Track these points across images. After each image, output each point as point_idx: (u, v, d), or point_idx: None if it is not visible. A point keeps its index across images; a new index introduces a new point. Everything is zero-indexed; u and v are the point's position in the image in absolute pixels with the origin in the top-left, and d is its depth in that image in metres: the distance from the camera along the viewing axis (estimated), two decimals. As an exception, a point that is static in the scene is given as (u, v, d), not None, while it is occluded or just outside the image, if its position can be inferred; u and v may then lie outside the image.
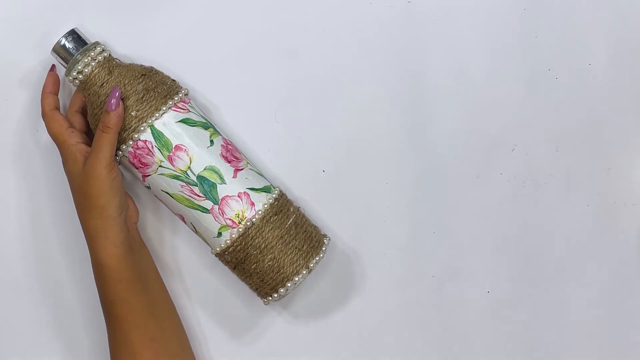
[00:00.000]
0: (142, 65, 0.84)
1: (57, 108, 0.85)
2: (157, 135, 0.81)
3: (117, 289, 0.82)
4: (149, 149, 0.81)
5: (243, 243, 0.82)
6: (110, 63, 0.83)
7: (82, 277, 0.90)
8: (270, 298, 0.84)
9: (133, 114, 0.81)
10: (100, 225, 0.81)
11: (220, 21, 0.90)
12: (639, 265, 0.91)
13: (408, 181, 0.91)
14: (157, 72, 0.84)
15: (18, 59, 0.89)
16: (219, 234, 0.82)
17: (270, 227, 0.82)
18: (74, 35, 0.84)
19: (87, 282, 0.90)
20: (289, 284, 0.82)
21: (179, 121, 0.82)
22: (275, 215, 0.83)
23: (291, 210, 0.84)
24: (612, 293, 0.91)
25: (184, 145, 0.82)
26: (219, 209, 0.82)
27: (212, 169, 0.82)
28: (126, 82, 0.82)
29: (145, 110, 0.81)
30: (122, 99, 0.81)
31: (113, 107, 0.81)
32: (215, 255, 0.84)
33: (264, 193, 0.83)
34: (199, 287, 0.90)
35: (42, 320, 0.90)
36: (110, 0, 0.89)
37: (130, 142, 0.81)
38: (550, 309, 0.91)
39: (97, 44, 0.84)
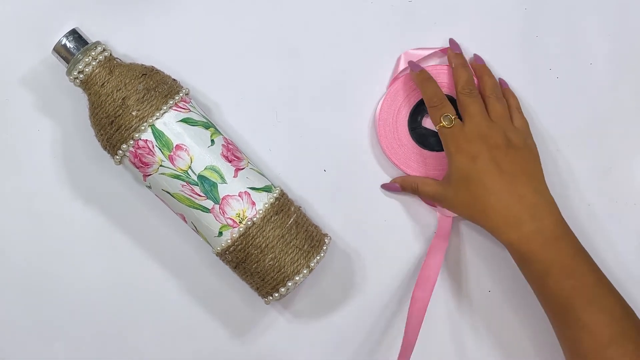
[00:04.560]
0: (142, 65, 0.85)
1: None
2: (158, 134, 0.81)
3: None
4: (150, 149, 0.81)
5: (244, 242, 0.82)
6: (111, 62, 0.83)
7: (82, 277, 0.90)
8: (271, 297, 0.84)
9: (134, 113, 0.81)
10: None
11: (221, 21, 0.90)
12: (639, 265, 0.91)
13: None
14: (157, 72, 0.84)
15: (19, 58, 0.89)
16: (220, 234, 0.82)
17: (271, 227, 0.82)
18: (74, 34, 0.84)
19: (87, 282, 0.90)
20: (289, 284, 0.82)
21: (180, 121, 0.82)
22: (276, 214, 0.83)
23: (292, 209, 0.84)
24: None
25: (185, 145, 0.82)
26: (219, 208, 0.82)
27: (213, 169, 0.82)
28: (127, 81, 0.82)
29: (146, 110, 0.81)
30: (123, 99, 0.81)
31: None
32: (216, 255, 0.84)
33: (264, 192, 0.83)
34: (200, 286, 0.90)
35: (43, 320, 0.90)
36: (111, 0, 0.89)
37: (131, 142, 0.81)
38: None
39: (97, 43, 0.84)
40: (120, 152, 0.82)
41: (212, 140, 0.83)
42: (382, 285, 0.91)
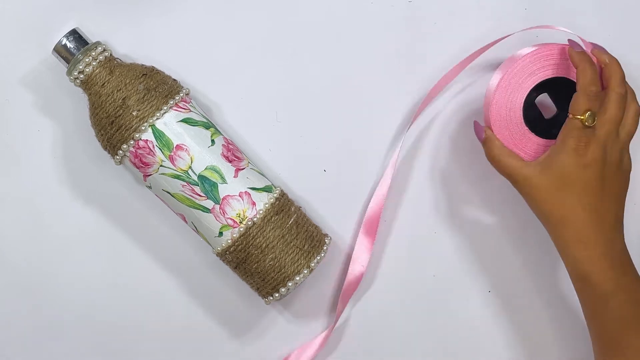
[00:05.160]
0: (143, 65, 0.85)
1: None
2: (158, 134, 0.81)
3: None
4: (150, 149, 0.81)
5: (244, 242, 0.82)
6: (111, 63, 0.83)
7: (82, 277, 0.90)
8: (271, 298, 0.84)
9: (134, 113, 0.81)
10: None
11: (221, 21, 0.90)
12: (639, 265, 0.91)
13: (409, 181, 0.91)
14: (158, 72, 0.84)
15: (19, 58, 0.89)
16: (220, 234, 0.82)
17: (271, 227, 0.82)
18: (75, 35, 0.84)
19: (87, 282, 0.90)
20: (290, 284, 0.82)
21: (180, 121, 0.82)
22: (277, 214, 0.83)
23: (292, 209, 0.84)
24: (612, 293, 0.91)
25: (185, 145, 0.82)
26: (220, 208, 0.82)
27: (213, 169, 0.82)
28: (127, 81, 0.82)
29: (146, 110, 0.81)
30: (123, 99, 0.81)
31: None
32: (217, 255, 0.84)
33: (265, 192, 0.83)
34: (200, 286, 0.90)
35: (43, 320, 0.90)
36: (111, 0, 0.89)
37: (132, 142, 0.81)
38: (551, 309, 0.91)
39: (98, 43, 0.84)
40: (121, 152, 0.82)
41: (213, 141, 0.83)
42: (381, 286, 0.91)
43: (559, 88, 0.84)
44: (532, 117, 0.84)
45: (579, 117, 0.79)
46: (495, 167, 0.83)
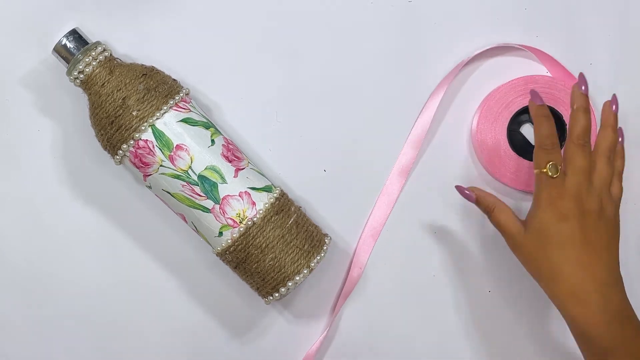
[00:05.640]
0: (143, 65, 0.85)
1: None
2: (158, 134, 0.81)
3: None
4: (150, 149, 0.81)
5: (244, 242, 0.82)
6: (111, 62, 0.83)
7: (82, 277, 0.90)
8: (271, 297, 0.84)
9: (134, 113, 0.81)
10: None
11: (221, 21, 0.90)
12: (639, 265, 0.91)
13: (409, 181, 0.91)
14: (158, 72, 0.84)
15: (19, 58, 0.89)
16: (220, 234, 0.82)
17: (271, 227, 0.82)
18: (75, 34, 0.84)
19: (87, 282, 0.90)
20: (290, 284, 0.82)
21: (180, 121, 0.82)
22: (276, 214, 0.83)
23: (292, 209, 0.84)
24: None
25: (185, 145, 0.82)
26: (220, 208, 0.82)
27: (213, 169, 0.82)
28: (127, 81, 0.82)
29: (146, 110, 0.81)
30: (123, 99, 0.81)
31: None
32: (217, 255, 0.84)
33: (265, 192, 0.83)
34: (200, 286, 0.90)
35: (43, 320, 0.90)
36: (111, 0, 0.89)
37: (132, 142, 0.81)
38: (551, 309, 0.91)
39: (98, 43, 0.84)
40: (121, 152, 0.82)
41: (213, 140, 0.83)
42: (381, 286, 0.91)
43: None
44: (521, 144, 0.89)
45: (543, 170, 0.79)
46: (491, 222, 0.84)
